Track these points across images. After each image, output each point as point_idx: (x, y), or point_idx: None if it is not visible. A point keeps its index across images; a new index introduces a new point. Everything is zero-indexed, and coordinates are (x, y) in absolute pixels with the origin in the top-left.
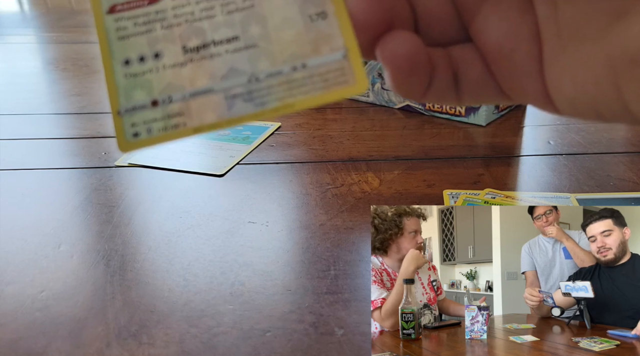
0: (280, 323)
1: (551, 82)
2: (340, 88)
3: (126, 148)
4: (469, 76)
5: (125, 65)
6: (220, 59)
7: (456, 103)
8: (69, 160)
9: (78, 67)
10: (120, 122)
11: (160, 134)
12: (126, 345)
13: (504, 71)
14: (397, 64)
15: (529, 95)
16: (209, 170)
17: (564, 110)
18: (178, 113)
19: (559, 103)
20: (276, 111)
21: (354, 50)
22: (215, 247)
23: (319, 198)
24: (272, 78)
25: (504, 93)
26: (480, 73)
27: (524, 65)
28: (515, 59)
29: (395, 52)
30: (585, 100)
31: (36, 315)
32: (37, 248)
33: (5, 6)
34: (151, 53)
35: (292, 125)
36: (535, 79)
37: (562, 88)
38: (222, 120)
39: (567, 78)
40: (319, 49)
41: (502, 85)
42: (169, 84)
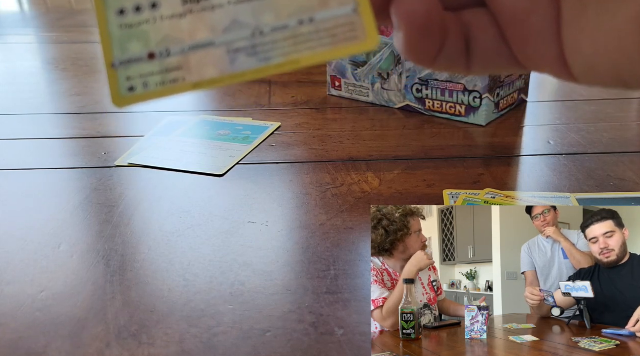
0: (280, 323)
1: (569, 45)
2: (349, 44)
3: (121, 103)
4: (481, 42)
5: (120, 15)
6: (222, 11)
7: (465, 73)
8: (69, 160)
9: (78, 67)
10: (115, 75)
11: (158, 89)
12: (126, 345)
13: (519, 36)
14: (413, 22)
15: (545, 61)
16: (209, 170)
17: (581, 76)
18: (176, 67)
19: (577, 68)
20: (281, 67)
21: (364, 4)
22: (215, 247)
23: (319, 198)
24: (278, 32)
25: (516, 61)
26: (493, 39)
27: (541, 29)
28: (532, 22)
29: (412, 9)
30: (607, 62)
31: (36, 315)
32: (37, 248)
33: (5, 6)
34: (148, 3)
35: (292, 125)
36: (552, 44)
37: (582, 51)
38: (223, 75)
39: (587, 41)
40: (327, 2)
41: (516, 51)
42: (167, 35)
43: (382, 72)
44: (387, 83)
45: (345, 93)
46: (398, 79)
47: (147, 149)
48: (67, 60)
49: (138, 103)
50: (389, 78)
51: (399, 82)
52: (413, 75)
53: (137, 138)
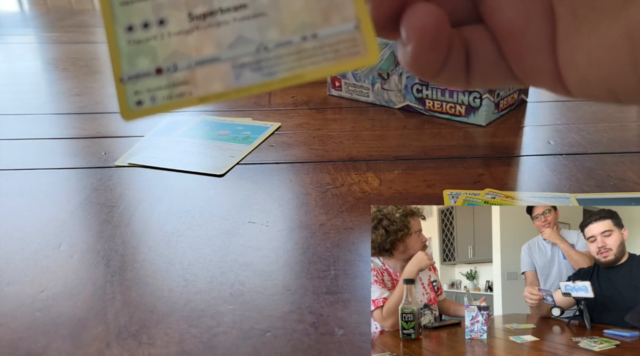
0: (280, 323)
1: (564, 59)
2: (351, 59)
3: (129, 117)
4: (481, 57)
5: (128, 31)
6: (227, 27)
7: (465, 86)
8: (69, 160)
9: (78, 67)
10: (123, 89)
11: (165, 103)
12: (126, 345)
13: (516, 51)
14: (424, 35)
15: (541, 75)
16: (209, 170)
17: (575, 89)
18: (183, 81)
19: (571, 81)
20: (285, 82)
21: (365, 21)
22: (215, 247)
23: (319, 198)
24: (282, 48)
25: (513, 76)
26: (492, 54)
27: (536, 45)
28: (528, 38)
29: (424, 23)
30: (600, 77)
31: (36, 315)
32: (37, 248)
33: (5, 6)
34: (155, 19)
35: (292, 125)
36: (547, 58)
37: (576, 65)
38: (229, 89)
39: (581, 55)
40: (329, 18)
41: (512, 65)
42: (174, 51)
43: (382, 72)
44: (387, 83)
45: (345, 93)
46: (398, 79)
47: (147, 149)
48: (67, 60)
49: (146, 117)
50: (389, 78)
51: (399, 82)
52: (413, 75)
53: (137, 138)
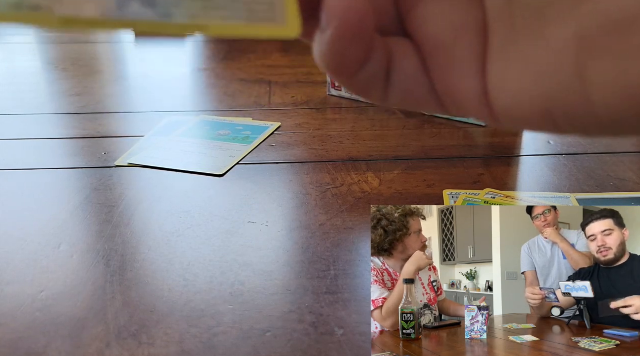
0: (280, 323)
1: (494, 79)
2: (266, 25)
3: None
4: (403, 69)
5: None
6: None
7: (380, 100)
8: (69, 160)
9: (78, 67)
10: None
11: (9, 12)
12: (126, 345)
13: (441, 66)
14: (346, 17)
15: (465, 96)
16: (209, 170)
17: (504, 115)
18: None
19: (500, 105)
20: (184, 29)
21: None
22: (215, 247)
23: (319, 198)
24: None
25: (435, 97)
26: (414, 68)
27: (464, 60)
28: (455, 52)
29: (349, 4)
30: (535, 95)
31: (36, 315)
32: (37, 248)
33: None
34: None
35: (292, 125)
36: (474, 76)
37: (508, 85)
38: (106, 18)
39: (515, 73)
40: None
41: (436, 84)
42: None
43: None
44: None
45: (345, 93)
46: None
47: (147, 149)
48: (67, 60)
49: None
50: None
51: None
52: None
53: (137, 138)
